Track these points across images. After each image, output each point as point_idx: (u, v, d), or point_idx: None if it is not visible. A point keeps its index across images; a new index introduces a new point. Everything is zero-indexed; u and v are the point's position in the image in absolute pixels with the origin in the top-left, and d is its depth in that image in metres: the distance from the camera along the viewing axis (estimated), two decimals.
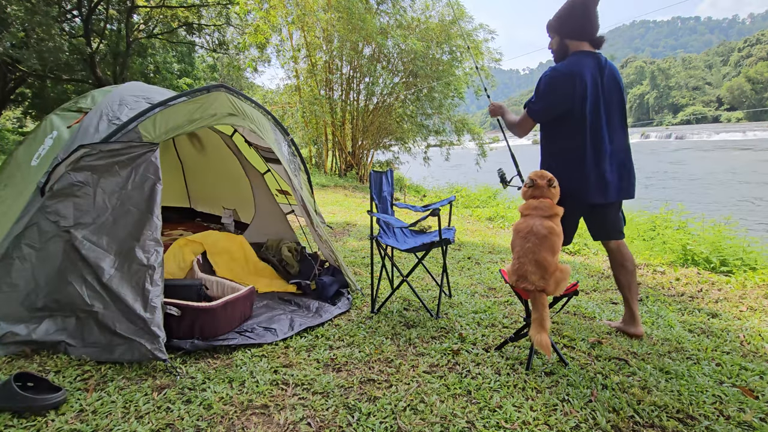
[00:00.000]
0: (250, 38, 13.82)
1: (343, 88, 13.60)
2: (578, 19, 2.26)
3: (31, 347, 2.00)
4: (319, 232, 2.95)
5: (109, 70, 16.07)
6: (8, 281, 2.01)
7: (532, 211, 2.01)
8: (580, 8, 2.26)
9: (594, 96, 2.20)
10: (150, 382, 1.83)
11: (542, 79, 2.29)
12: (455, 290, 3.16)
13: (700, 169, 21.66)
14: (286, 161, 2.92)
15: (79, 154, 2.11)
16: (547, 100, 2.26)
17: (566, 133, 2.26)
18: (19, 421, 1.54)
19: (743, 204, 11.96)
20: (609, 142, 2.23)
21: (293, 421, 1.61)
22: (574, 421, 1.64)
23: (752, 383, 1.94)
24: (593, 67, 2.22)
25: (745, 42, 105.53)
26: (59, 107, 2.74)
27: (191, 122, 2.37)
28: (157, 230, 2.11)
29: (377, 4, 12.89)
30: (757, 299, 3.10)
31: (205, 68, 22.42)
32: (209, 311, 2.16)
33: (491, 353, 2.17)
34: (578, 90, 2.18)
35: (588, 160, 2.20)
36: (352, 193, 10.25)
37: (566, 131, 2.26)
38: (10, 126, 24.34)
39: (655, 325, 2.60)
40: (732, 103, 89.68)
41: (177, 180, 5.01)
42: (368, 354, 2.14)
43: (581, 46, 2.29)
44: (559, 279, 1.91)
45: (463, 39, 12.09)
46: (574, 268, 4.01)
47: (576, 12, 2.26)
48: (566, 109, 2.21)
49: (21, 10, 10.65)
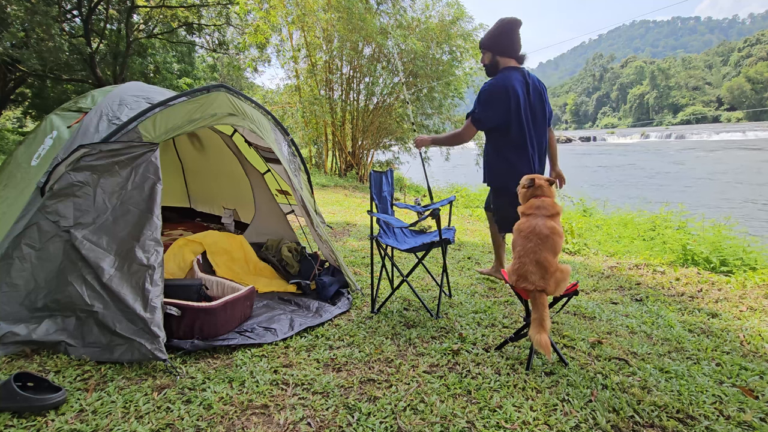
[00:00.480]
0: (250, 38, 13.82)
1: (343, 88, 13.59)
2: (507, 38, 2.75)
3: (31, 347, 2.00)
4: (319, 232, 2.95)
5: (109, 70, 16.08)
6: (8, 281, 2.01)
7: (535, 211, 2.00)
8: (508, 29, 2.74)
9: (524, 106, 2.69)
10: (150, 382, 1.83)
11: (482, 92, 2.73)
12: (455, 290, 3.16)
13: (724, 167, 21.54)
14: (286, 161, 2.92)
15: (79, 154, 2.11)
16: (488, 110, 2.71)
17: (507, 140, 2.73)
18: (19, 421, 1.54)
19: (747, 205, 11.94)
20: (537, 143, 2.78)
21: (293, 421, 1.61)
22: (574, 421, 1.64)
23: (752, 383, 1.94)
24: (521, 80, 2.72)
25: (745, 42, 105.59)
26: (59, 107, 2.74)
27: (191, 122, 2.37)
28: (157, 230, 2.11)
29: (377, 4, 12.89)
30: (757, 299, 3.10)
31: (205, 68, 22.42)
32: (209, 311, 2.16)
33: (491, 353, 2.17)
34: (513, 102, 2.65)
35: (526, 161, 2.72)
36: (352, 193, 10.24)
37: (507, 139, 2.73)
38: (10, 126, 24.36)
39: (655, 325, 2.60)
40: (732, 103, 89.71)
41: (177, 180, 5.01)
42: (368, 354, 2.14)
43: (509, 62, 2.79)
44: (559, 279, 1.91)
45: (463, 39, 12.10)
46: (574, 268, 4.01)
47: (505, 32, 2.75)
48: (505, 118, 2.68)
49: (21, 10, 10.66)
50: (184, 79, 19.34)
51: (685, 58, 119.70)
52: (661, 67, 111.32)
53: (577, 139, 65.61)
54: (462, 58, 12.90)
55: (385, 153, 15.56)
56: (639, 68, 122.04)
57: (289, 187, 2.99)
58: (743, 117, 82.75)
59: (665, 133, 62.55)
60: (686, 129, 68.26)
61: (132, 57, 16.25)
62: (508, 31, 2.74)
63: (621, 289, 3.39)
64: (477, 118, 2.75)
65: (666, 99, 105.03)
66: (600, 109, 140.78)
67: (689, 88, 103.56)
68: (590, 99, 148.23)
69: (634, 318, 2.72)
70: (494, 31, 2.77)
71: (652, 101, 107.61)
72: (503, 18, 2.80)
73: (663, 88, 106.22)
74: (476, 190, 10.65)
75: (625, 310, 2.88)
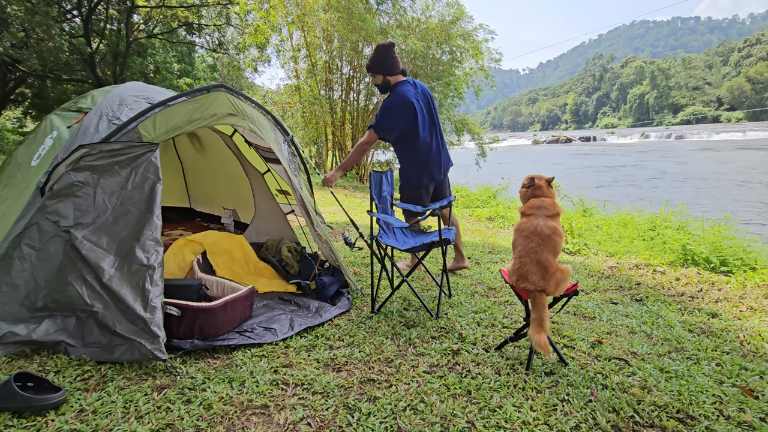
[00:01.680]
0: (250, 38, 13.80)
1: (343, 88, 13.58)
2: (390, 60, 3.15)
3: (31, 347, 2.00)
4: (319, 232, 2.95)
5: (109, 70, 16.08)
6: (8, 281, 2.01)
7: (536, 211, 2.00)
8: (388, 52, 3.16)
9: (420, 113, 3.11)
10: (150, 382, 1.83)
11: (386, 107, 3.12)
12: (455, 290, 3.16)
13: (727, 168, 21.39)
14: (285, 161, 2.92)
15: (79, 154, 2.11)
16: (391, 122, 3.11)
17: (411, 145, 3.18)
18: (19, 421, 1.54)
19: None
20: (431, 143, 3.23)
21: (293, 421, 1.61)
22: (574, 421, 1.64)
23: (752, 383, 1.94)
24: (413, 91, 3.13)
25: (745, 42, 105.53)
26: (59, 107, 2.74)
27: (191, 122, 2.37)
28: (157, 230, 2.11)
29: (377, 4, 12.86)
30: (757, 299, 3.10)
31: (205, 68, 22.42)
32: (209, 311, 2.16)
33: (491, 353, 2.17)
34: (411, 113, 3.07)
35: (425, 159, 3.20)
36: (352, 193, 10.24)
37: (410, 144, 3.17)
38: (10, 126, 24.35)
39: (655, 325, 2.60)
40: (732, 103, 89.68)
41: (177, 180, 5.01)
42: (368, 354, 2.14)
43: (398, 78, 3.20)
44: (559, 279, 1.91)
45: (463, 39, 12.09)
46: (574, 268, 4.01)
47: (386, 55, 3.15)
48: (407, 128, 3.10)
49: (21, 10, 10.66)
50: (184, 79, 19.34)
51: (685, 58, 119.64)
52: (661, 67, 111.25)
53: (577, 139, 65.68)
54: (462, 59, 12.89)
55: (385, 153, 15.53)
56: (639, 68, 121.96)
57: (289, 187, 2.99)
58: (743, 117, 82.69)
59: (665, 133, 62.54)
60: (686, 129, 68.23)
61: (132, 57, 16.25)
62: (388, 54, 3.16)
63: (621, 289, 3.39)
64: (381, 128, 3.14)
65: (666, 99, 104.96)
66: (600, 109, 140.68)
67: (689, 88, 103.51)
68: (590, 99, 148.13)
69: (634, 318, 2.72)
70: (377, 58, 3.17)
71: (652, 101, 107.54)
72: (380, 43, 3.23)
73: (663, 88, 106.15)
74: (476, 190, 10.65)
75: (625, 310, 2.88)
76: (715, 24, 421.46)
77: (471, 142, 15.19)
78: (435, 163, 3.24)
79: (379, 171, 3.12)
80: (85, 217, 2.08)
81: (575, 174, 21.43)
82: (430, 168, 3.22)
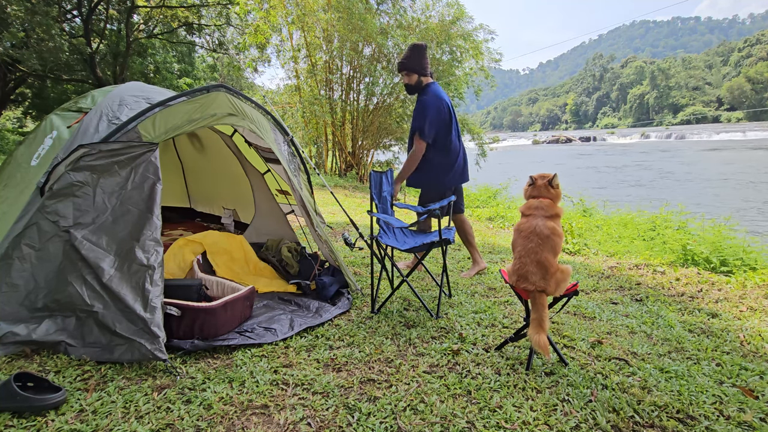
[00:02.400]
0: (250, 38, 13.79)
1: (343, 88, 13.57)
2: (424, 60, 3.22)
3: (31, 347, 2.00)
4: (319, 232, 2.95)
5: (109, 70, 16.08)
6: (8, 281, 2.01)
7: (534, 211, 2.00)
8: (423, 53, 3.22)
9: (451, 113, 3.22)
10: (150, 382, 1.83)
11: (426, 106, 3.13)
12: (455, 290, 3.16)
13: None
14: (285, 161, 2.92)
15: (79, 154, 2.11)
16: (432, 120, 3.14)
17: (442, 144, 3.23)
18: (19, 421, 1.54)
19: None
20: (459, 145, 3.34)
21: (293, 421, 1.60)
22: (574, 421, 1.64)
23: (752, 383, 1.94)
24: (444, 93, 3.23)
25: (745, 42, 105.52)
26: (59, 107, 2.74)
27: (191, 122, 2.37)
28: (157, 230, 2.11)
29: (377, 4, 12.87)
30: (757, 299, 3.10)
31: (205, 68, 22.43)
32: (209, 311, 2.16)
33: (491, 353, 2.17)
34: (446, 112, 3.16)
35: (455, 159, 3.29)
36: (352, 193, 10.24)
37: (442, 143, 3.23)
38: (10, 126, 24.35)
39: (655, 325, 2.60)
40: (732, 103, 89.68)
41: (177, 180, 5.01)
42: (368, 354, 2.14)
43: (428, 78, 3.26)
44: (559, 279, 1.91)
45: (463, 39, 12.08)
46: (574, 268, 4.01)
47: (421, 56, 3.21)
48: (442, 127, 3.17)
49: (21, 10, 10.66)
50: (184, 79, 19.35)
51: (685, 58, 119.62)
52: (661, 67, 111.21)
53: (578, 140, 65.68)
54: (462, 59, 12.87)
55: (385, 153, 15.54)
56: (639, 68, 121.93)
57: (289, 187, 2.99)
58: (743, 117, 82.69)
59: (665, 133, 62.51)
60: (686, 129, 68.20)
61: (132, 57, 16.25)
62: (424, 54, 3.23)
63: (621, 289, 3.38)
64: (427, 134, 3.17)
65: (666, 99, 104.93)
66: (600, 109, 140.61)
67: (689, 88, 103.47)
68: (590, 99, 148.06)
69: (634, 318, 2.72)
70: (415, 57, 3.21)
71: (652, 101, 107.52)
72: (415, 43, 3.27)
73: (663, 88, 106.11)
74: (476, 190, 10.65)
75: (625, 310, 2.88)
76: (715, 24, 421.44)
77: (471, 142, 15.17)
78: (464, 165, 3.38)
79: (379, 171, 3.12)
80: (84, 217, 2.08)
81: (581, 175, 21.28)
82: (461, 168, 3.35)
